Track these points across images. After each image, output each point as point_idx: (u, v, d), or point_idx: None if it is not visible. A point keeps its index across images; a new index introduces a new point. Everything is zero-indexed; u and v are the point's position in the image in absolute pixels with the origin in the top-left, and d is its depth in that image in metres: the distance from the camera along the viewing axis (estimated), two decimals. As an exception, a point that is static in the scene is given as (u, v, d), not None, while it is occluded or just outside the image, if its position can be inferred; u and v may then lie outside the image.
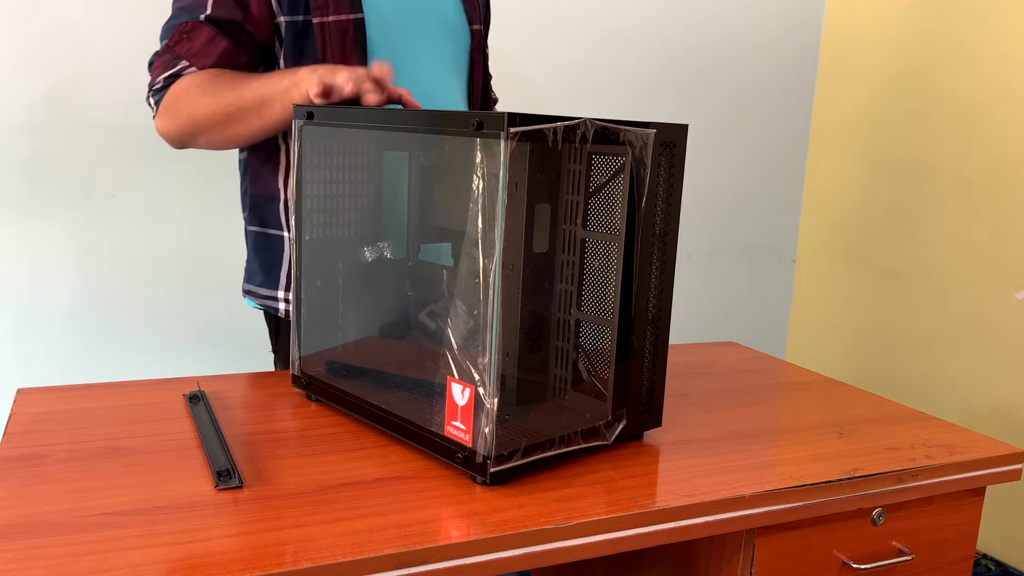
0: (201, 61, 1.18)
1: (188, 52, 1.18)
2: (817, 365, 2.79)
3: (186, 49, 1.17)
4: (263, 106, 1.14)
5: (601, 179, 0.95)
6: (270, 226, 1.30)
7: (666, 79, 2.57)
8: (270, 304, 1.31)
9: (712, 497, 0.87)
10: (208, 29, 1.17)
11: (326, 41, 1.20)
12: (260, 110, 1.14)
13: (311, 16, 1.18)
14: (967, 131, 2.31)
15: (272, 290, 1.31)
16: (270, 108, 1.14)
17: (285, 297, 1.30)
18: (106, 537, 0.74)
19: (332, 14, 1.19)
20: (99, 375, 2.02)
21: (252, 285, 1.33)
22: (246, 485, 0.86)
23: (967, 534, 1.06)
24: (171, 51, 1.18)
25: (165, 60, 1.19)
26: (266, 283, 1.31)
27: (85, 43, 1.91)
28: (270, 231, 1.30)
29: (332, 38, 1.20)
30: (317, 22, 1.19)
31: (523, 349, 0.96)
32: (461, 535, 0.77)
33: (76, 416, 1.03)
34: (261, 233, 1.31)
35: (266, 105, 1.14)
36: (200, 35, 1.17)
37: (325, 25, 1.19)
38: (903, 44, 2.49)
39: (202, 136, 1.19)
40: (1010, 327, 2.21)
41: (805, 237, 2.87)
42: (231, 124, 1.16)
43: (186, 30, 1.17)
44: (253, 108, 1.15)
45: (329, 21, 1.19)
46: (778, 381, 1.33)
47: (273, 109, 1.14)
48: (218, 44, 1.17)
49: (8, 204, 1.91)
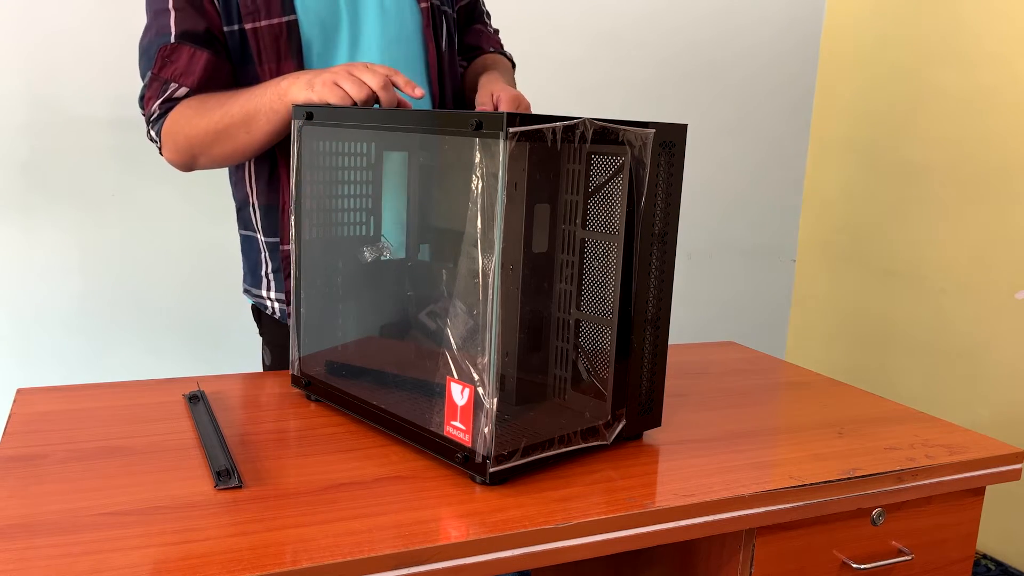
0: (188, 78, 1.18)
1: (174, 73, 1.18)
2: (817, 365, 2.79)
3: (171, 71, 1.18)
4: (249, 121, 1.14)
5: (600, 179, 0.95)
6: (249, 229, 1.34)
7: (666, 79, 2.57)
8: (260, 302, 1.36)
9: (712, 497, 0.87)
10: (186, 47, 1.17)
11: (260, 46, 1.19)
12: (247, 125, 1.15)
13: (244, 24, 1.19)
14: (967, 131, 2.31)
15: (259, 288, 1.35)
16: (256, 122, 1.14)
17: (268, 295, 1.33)
18: (106, 537, 0.74)
19: (264, 19, 1.18)
20: (99, 375, 2.02)
21: (246, 284, 1.39)
22: (246, 485, 0.86)
23: (967, 534, 1.06)
24: (157, 79, 1.19)
25: (155, 89, 1.20)
26: (255, 284, 1.36)
27: (85, 43, 1.91)
28: (249, 233, 1.34)
29: (266, 43, 1.19)
30: (250, 28, 1.18)
31: (523, 349, 0.96)
32: (461, 535, 0.77)
33: (76, 416, 1.03)
34: (244, 236, 1.36)
35: (252, 119, 1.14)
36: (181, 54, 1.17)
37: (258, 31, 1.19)
38: (903, 44, 2.49)
39: (201, 156, 1.21)
40: (1010, 327, 2.21)
41: (805, 237, 2.87)
42: (223, 141, 1.17)
43: (166, 54, 1.18)
44: (240, 124, 1.14)
45: (262, 26, 1.19)
46: (778, 381, 1.33)
47: (259, 123, 1.14)
48: (199, 57, 1.17)
49: (8, 204, 1.91)
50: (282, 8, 1.19)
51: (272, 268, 1.31)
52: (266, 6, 1.18)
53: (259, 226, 1.31)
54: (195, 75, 1.18)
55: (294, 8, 1.19)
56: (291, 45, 1.20)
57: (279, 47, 1.19)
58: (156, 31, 1.19)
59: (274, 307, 1.33)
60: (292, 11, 1.19)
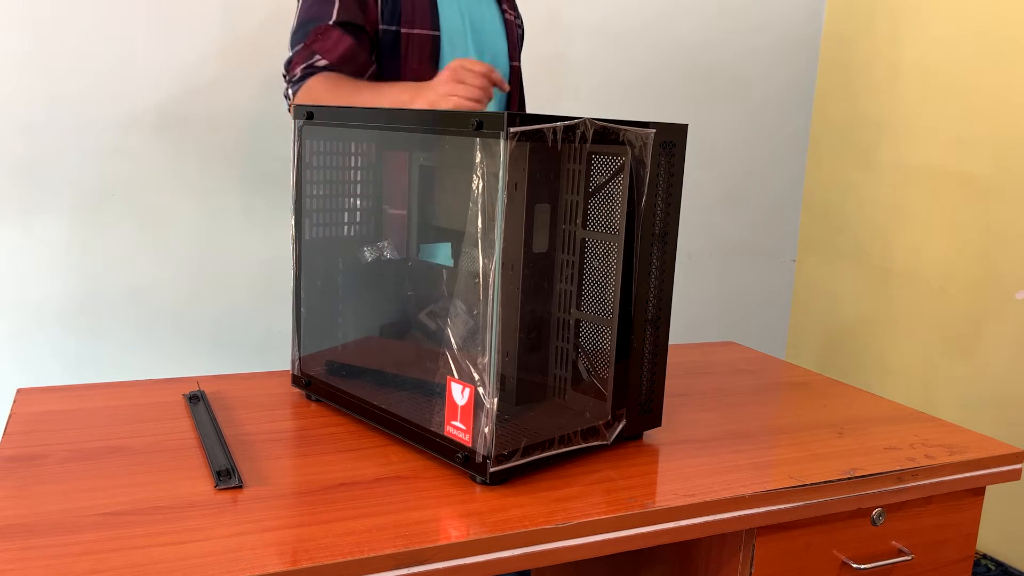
0: (331, 55, 1.39)
1: (321, 48, 1.39)
2: (817, 365, 2.79)
3: (320, 46, 1.39)
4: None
5: (601, 179, 0.95)
6: None
7: (666, 79, 2.57)
8: None
9: (712, 497, 0.87)
10: (337, 31, 1.39)
11: (409, 49, 1.42)
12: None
13: (400, 27, 1.42)
14: (967, 131, 2.31)
15: None
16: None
17: None
18: (106, 537, 0.74)
19: (418, 28, 1.43)
20: (99, 375, 2.02)
21: None
22: (246, 485, 0.86)
23: (967, 534, 1.06)
24: (308, 48, 1.40)
25: (302, 55, 1.40)
26: None
27: (85, 43, 1.91)
28: None
29: (414, 47, 1.43)
30: (405, 32, 1.42)
31: (523, 349, 0.96)
32: (461, 535, 0.77)
33: (76, 416, 1.03)
34: None
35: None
36: (331, 35, 1.39)
37: (411, 36, 1.43)
38: (903, 44, 2.49)
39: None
40: (1010, 327, 2.21)
41: (805, 237, 2.87)
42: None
43: (320, 32, 1.40)
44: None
45: (415, 34, 1.43)
46: (778, 381, 1.33)
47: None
48: (344, 41, 1.39)
49: (8, 204, 1.91)
50: (431, 23, 1.44)
51: None
52: (421, 18, 1.43)
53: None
54: (337, 53, 1.39)
55: (439, 26, 1.44)
56: (432, 54, 1.44)
57: (423, 53, 1.43)
58: (318, 11, 1.40)
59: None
60: (438, 28, 1.45)
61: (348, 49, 1.40)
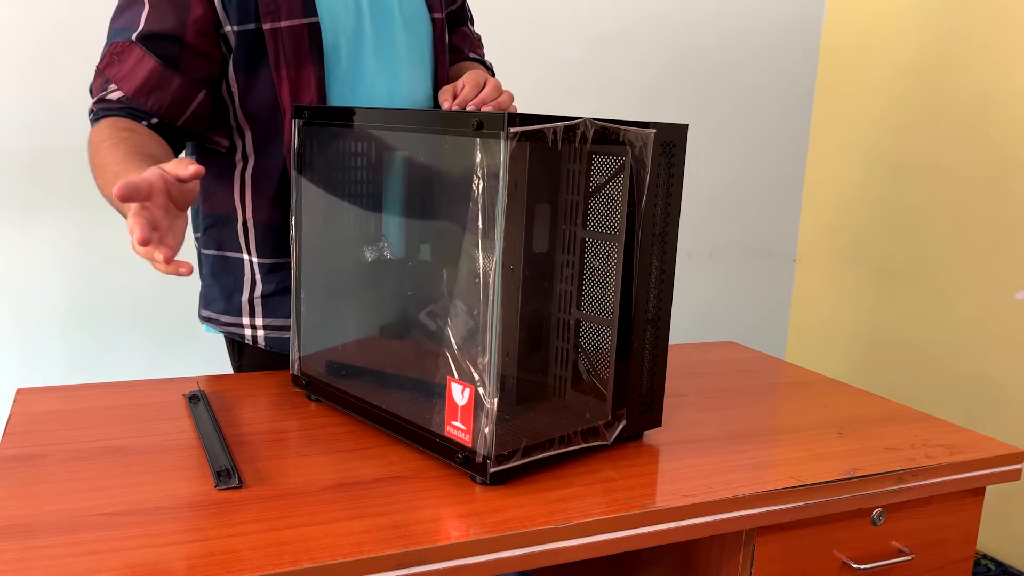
0: (128, 83, 1.10)
1: (116, 75, 1.11)
2: (817, 365, 2.79)
3: (115, 71, 1.11)
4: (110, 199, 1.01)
5: (601, 179, 0.95)
6: (228, 249, 1.23)
7: (666, 79, 2.57)
8: (235, 331, 1.25)
9: (712, 497, 0.87)
10: (137, 50, 1.10)
11: (279, 48, 1.13)
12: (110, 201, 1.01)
13: (261, 23, 1.12)
14: (967, 130, 2.31)
15: (236, 317, 1.24)
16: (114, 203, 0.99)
17: (251, 323, 1.24)
18: (106, 537, 0.74)
19: (285, 19, 1.13)
20: (99, 375, 2.02)
21: (212, 312, 1.26)
22: (246, 485, 0.86)
23: (967, 534, 1.06)
24: (102, 74, 1.13)
25: (97, 84, 1.13)
26: (228, 310, 1.25)
27: (85, 42, 1.91)
28: (228, 254, 1.23)
29: (286, 44, 1.13)
30: (269, 28, 1.12)
31: (523, 349, 0.96)
32: (461, 535, 0.77)
33: (76, 416, 1.03)
34: (219, 257, 1.24)
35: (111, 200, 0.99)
36: (129, 56, 1.10)
37: (278, 31, 1.13)
38: (903, 44, 2.49)
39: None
40: (1010, 327, 2.21)
41: (805, 237, 2.87)
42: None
43: (116, 51, 1.11)
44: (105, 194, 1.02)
45: (282, 27, 1.13)
46: (778, 381, 1.33)
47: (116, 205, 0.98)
48: (145, 65, 1.10)
49: (8, 204, 1.91)
50: (304, 9, 1.13)
51: (263, 292, 1.22)
52: (288, 5, 1.13)
53: (251, 246, 1.22)
54: (135, 81, 1.10)
55: (316, 10, 1.14)
56: (312, 48, 1.15)
57: (300, 50, 1.14)
58: (124, 22, 1.12)
59: (257, 335, 1.23)
60: (314, 13, 1.14)
61: (150, 75, 1.09)
